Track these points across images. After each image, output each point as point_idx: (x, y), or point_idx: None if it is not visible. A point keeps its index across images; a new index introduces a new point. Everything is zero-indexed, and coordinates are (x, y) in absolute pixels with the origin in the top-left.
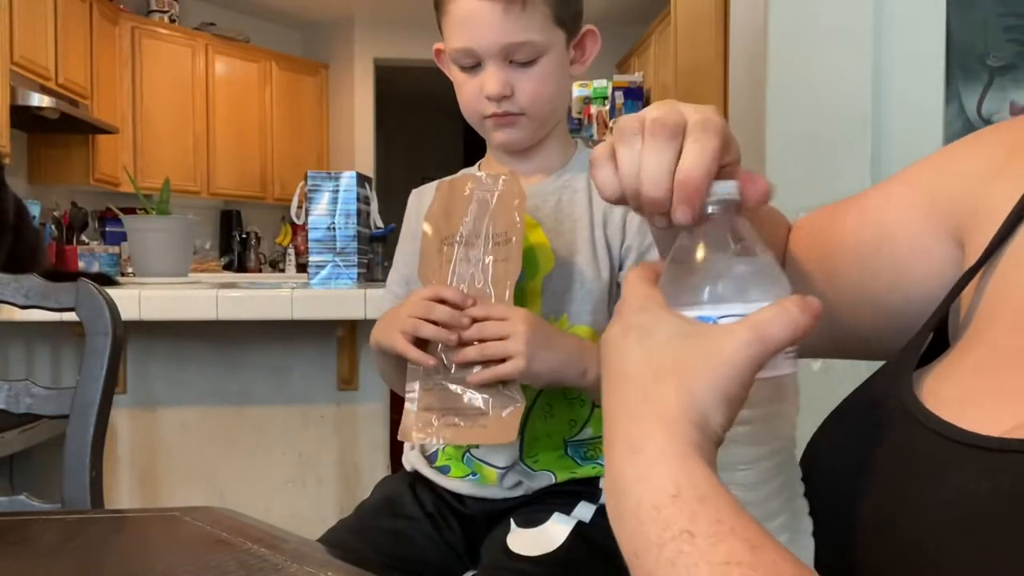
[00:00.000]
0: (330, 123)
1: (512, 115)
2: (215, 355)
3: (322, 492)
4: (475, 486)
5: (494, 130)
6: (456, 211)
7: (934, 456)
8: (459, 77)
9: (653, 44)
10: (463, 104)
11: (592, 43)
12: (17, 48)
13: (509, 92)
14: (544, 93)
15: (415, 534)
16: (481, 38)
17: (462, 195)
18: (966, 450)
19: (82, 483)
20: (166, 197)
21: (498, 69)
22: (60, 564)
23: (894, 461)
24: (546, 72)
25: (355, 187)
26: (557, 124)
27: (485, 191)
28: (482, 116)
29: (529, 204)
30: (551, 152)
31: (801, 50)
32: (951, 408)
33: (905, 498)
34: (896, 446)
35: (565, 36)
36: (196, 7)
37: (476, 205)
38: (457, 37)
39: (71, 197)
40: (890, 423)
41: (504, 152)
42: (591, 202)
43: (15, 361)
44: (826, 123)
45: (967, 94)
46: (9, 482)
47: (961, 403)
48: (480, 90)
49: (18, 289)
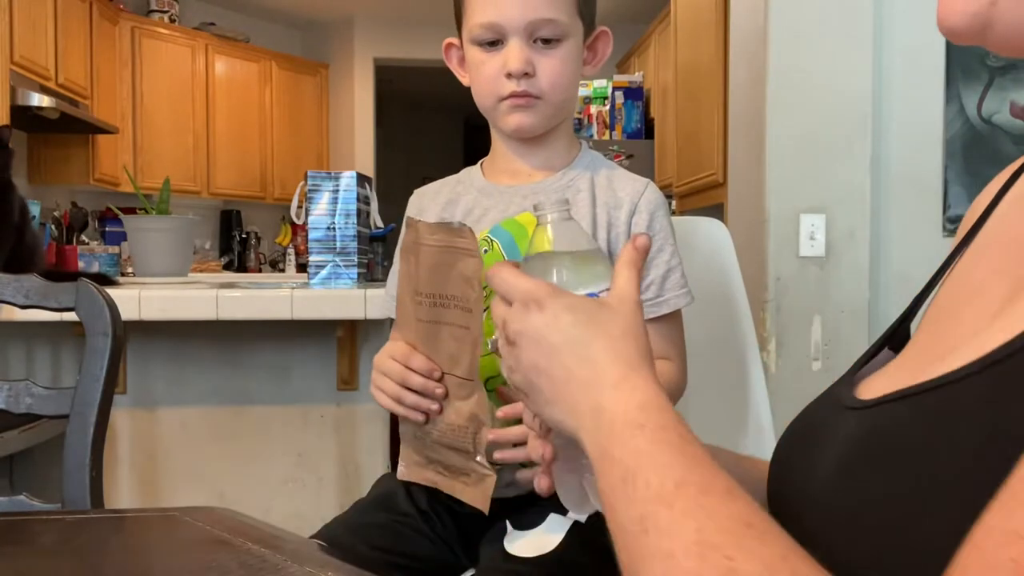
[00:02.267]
0: (330, 123)
1: (530, 96)
2: (215, 355)
3: (322, 492)
4: None
5: (510, 112)
6: (423, 260)
7: (826, 420)
8: (478, 57)
9: (653, 44)
10: (480, 85)
11: (605, 45)
12: (17, 48)
13: (531, 71)
14: (563, 78)
15: (407, 529)
16: (508, 10)
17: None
18: (847, 411)
19: (82, 483)
20: (166, 197)
21: (522, 45)
22: (60, 564)
23: (802, 435)
24: (567, 57)
25: (355, 187)
26: (565, 120)
27: (447, 249)
28: (499, 97)
29: (532, 202)
30: (557, 148)
31: (801, 51)
32: (870, 392)
33: (798, 456)
34: (811, 420)
35: (583, 30)
36: (196, 7)
37: (436, 262)
38: (482, 12)
39: (71, 197)
40: (819, 409)
41: (515, 140)
42: (594, 203)
43: (15, 361)
44: (826, 123)
45: (967, 94)
46: (9, 482)
47: (874, 386)
48: (501, 68)
49: (18, 289)
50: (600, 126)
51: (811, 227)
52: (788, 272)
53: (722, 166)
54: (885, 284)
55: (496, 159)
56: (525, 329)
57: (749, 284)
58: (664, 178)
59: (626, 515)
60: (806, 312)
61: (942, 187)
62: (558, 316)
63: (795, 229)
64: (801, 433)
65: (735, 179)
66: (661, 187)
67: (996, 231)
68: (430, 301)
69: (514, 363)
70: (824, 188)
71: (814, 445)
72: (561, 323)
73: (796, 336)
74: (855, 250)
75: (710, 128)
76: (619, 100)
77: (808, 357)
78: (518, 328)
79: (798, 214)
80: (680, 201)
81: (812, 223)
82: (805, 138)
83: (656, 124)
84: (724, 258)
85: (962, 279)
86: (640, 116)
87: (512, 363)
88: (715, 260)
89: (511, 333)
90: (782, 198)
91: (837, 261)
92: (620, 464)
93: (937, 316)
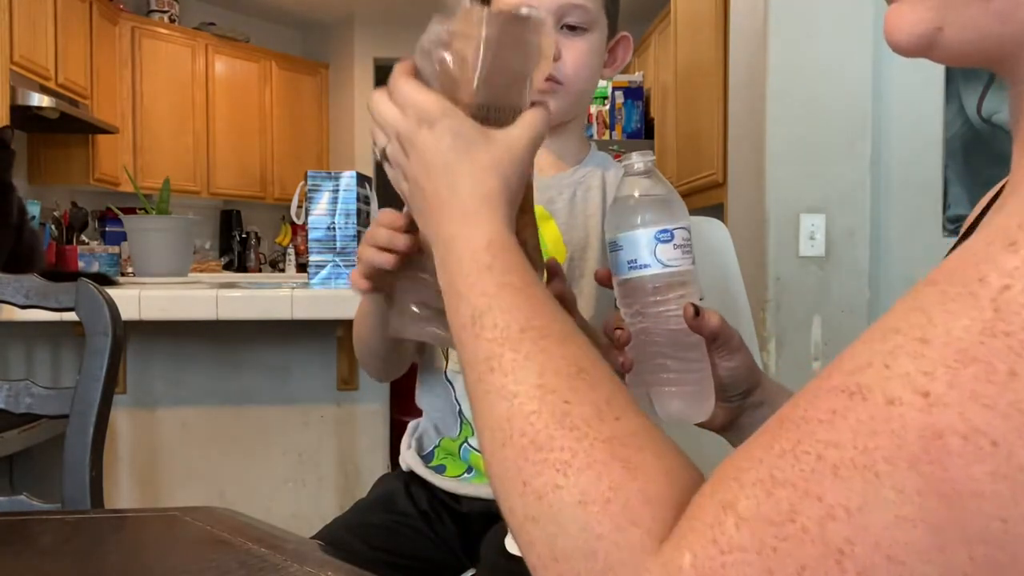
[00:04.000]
0: (330, 123)
1: (555, 82)
2: (215, 355)
3: (322, 492)
4: (470, 485)
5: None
6: (472, 59)
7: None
8: None
9: (653, 44)
10: None
11: (624, 51)
12: (17, 48)
13: (557, 55)
14: (587, 68)
15: (407, 530)
16: None
17: (485, 33)
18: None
19: (82, 483)
20: (166, 197)
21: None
22: (60, 564)
23: None
24: (591, 48)
25: (355, 187)
26: (579, 116)
27: (514, 44)
28: None
29: (544, 196)
30: (569, 143)
31: (801, 51)
32: None
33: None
34: None
35: (608, 28)
36: (196, 7)
37: (496, 64)
38: None
39: (71, 197)
40: None
41: None
42: (604, 200)
43: (15, 361)
44: (826, 123)
45: (967, 94)
46: (9, 482)
47: None
48: None
49: (18, 289)
50: (600, 126)
51: (811, 227)
52: (788, 272)
53: (722, 166)
54: (885, 284)
55: None
56: (415, 143)
57: (749, 284)
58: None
59: (473, 352)
60: (806, 312)
61: (942, 187)
62: (441, 138)
63: (795, 229)
64: None
65: (735, 179)
66: None
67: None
68: (482, 115)
69: (404, 172)
70: (824, 188)
71: None
72: (442, 145)
73: (796, 336)
74: (855, 250)
75: (710, 128)
76: (619, 100)
77: (808, 357)
78: (410, 140)
79: (798, 214)
80: None
81: (812, 223)
82: (805, 138)
83: (656, 124)
84: (724, 258)
85: None
86: (640, 116)
87: (403, 171)
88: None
89: (405, 143)
90: (782, 198)
91: (837, 261)
92: (467, 302)
93: None
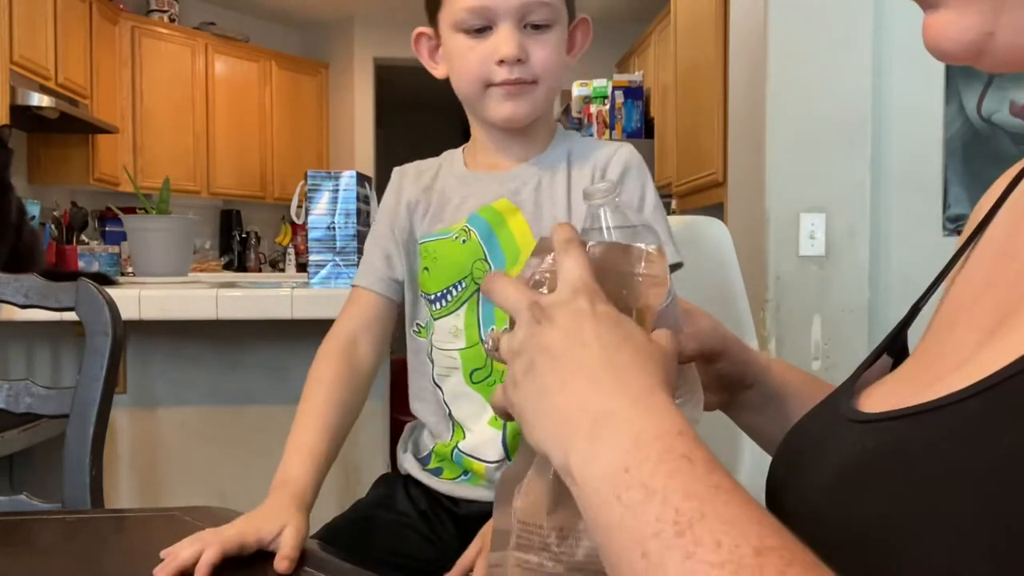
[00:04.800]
0: (330, 123)
1: (524, 82)
2: (215, 355)
3: (322, 492)
4: (467, 487)
5: (502, 100)
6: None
7: (824, 432)
8: (462, 44)
9: (653, 44)
10: (464, 72)
11: (583, 35)
12: (17, 48)
13: (525, 56)
14: (555, 65)
15: (407, 530)
16: None
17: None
18: (849, 424)
19: (82, 483)
20: (166, 197)
21: (513, 30)
22: (60, 564)
23: (802, 442)
24: (557, 41)
25: (355, 187)
26: (548, 109)
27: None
28: (488, 84)
29: (510, 188)
30: (538, 137)
31: (801, 50)
32: (871, 404)
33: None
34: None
35: (567, 18)
36: (196, 7)
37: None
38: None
39: (71, 197)
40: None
41: (499, 130)
42: (570, 182)
43: (15, 361)
44: (826, 123)
45: (967, 94)
46: (9, 482)
47: (876, 398)
48: (489, 55)
49: (18, 289)
50: (600, 126)
51: (811, 226)
52: (788, 271)
53: (722, 165)
54: (885, 284)
55: (477, 150)
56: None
57: (749, 284)
58: (664, 177)
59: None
60: (806, 312)
61: (942, 186)
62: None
63: (795, 228)
64: (802, 441)
65: (735, 179)
66: (661, 187)
67: (992, 239)
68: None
69: (520, 377)
70: (824, 188)
71: (814, 454)
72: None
73: (796, 336)
74: (855, 249)
75: (710, 127)
76: (619, 100)
77: (808, 356)
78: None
79: (798, 213)
80: (680, 200)
81: (812, 222)
82: (805, 138)
83: (656, 123)
84: (724, 258)
85: (963, 285)
86: (640, 115)
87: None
88: (715, 260)
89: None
90: (782, 197)
91: (837, 260)
92: (663, 501)
93: (939, 325)
